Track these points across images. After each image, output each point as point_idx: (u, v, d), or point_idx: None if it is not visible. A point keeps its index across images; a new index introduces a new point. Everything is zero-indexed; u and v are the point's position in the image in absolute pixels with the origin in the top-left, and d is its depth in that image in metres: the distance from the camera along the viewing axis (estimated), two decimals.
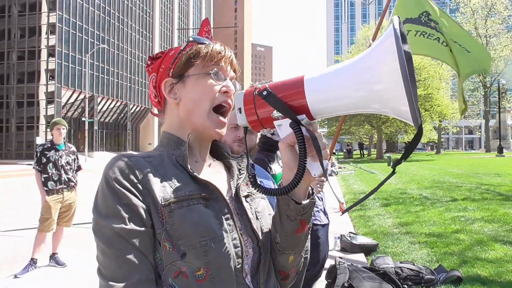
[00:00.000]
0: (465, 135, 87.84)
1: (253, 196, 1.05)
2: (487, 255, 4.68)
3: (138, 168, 0.89)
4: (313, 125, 0.84)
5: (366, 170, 19.43)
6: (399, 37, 0.67)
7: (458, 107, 3.80)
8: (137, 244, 0.83)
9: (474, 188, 10.82)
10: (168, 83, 1.01)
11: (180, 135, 1.00)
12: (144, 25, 60.18)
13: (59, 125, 4.89)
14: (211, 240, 0.86)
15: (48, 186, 4.75)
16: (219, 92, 0.99)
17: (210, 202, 0.91)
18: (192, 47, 1.00)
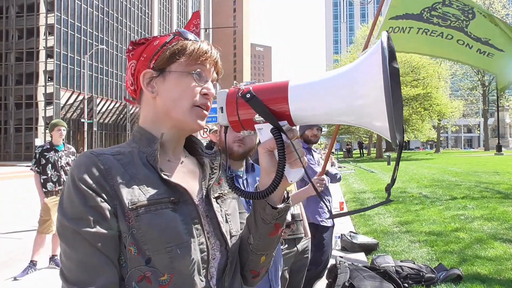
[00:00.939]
0: (464, 133, 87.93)
1: (224, 197, 1.03)
2: (486, 253, 4.69)
3: (107, 167, 0.86)
4: (293, 131, 0.84)
5: (366, 169, 19.45)
6: (386, 56, 0.67)
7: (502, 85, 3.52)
8: (101, 247, 0.81)
9: (473, 186, 10.84)
10: (148, 75, 0.97)
11: (153, 132, 0.97)
12: (142, 26, 60.16)
13: (59, 126, 4.87)
14: (177, 246, 0.85)
15: (47, 187, 4.73)
16: (199, 94, 0.96)
17: (179, 206, 0.89)
18: (178, 42, 0.97)
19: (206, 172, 1.03)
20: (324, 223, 3.37)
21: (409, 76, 33.72)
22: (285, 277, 2.61)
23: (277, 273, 1.83)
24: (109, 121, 53.95)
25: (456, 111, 38.05)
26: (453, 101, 39.57)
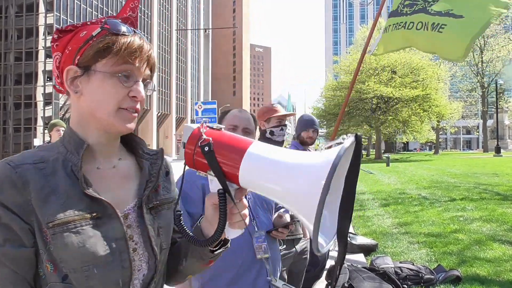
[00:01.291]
0: (463, 135, 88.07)
1: (159, 208, 0.98)
2: (485, 254, 4.70)
3: (24, 181, 0.80)
4: (242, 192, 0.87)
5: (365, 171, 19.44)
6: (329, 184, 0.68)
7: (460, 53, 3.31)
8: (13, 266, 0.78)
9: (472, 188, 10.85)
10: (71, 72, 0.88)
11: (81, 134, 0.91)
12: (142, 26, 60.12)
13: (58, 126, 4.81)
14: (94, 266, 0.81)
15: None
16: (127, 96, 0.89)
17: (102, 220, 0.85)
18: (105, 36, 0.87)
19: (143, 178, 0.96)
20: None
21: (408, 78, 33.79)
22: (284, 277, 2.60)
23: (276, 273, 1.83)
24: None
25: (455, 113, 38.13)
26: (452, 102, 39.64)
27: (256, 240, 1.74)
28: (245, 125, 1.87)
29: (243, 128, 1.86)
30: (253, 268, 1.74)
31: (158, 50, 64.67)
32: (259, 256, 1.73)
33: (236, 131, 1.84)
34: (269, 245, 1.78)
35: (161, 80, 65.83)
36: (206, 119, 0.95)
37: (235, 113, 1.93)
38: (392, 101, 33.80)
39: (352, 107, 34.56)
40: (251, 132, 1.90)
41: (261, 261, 1.76)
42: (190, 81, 78.19)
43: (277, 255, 1.87)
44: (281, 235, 1.78)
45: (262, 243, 1.74)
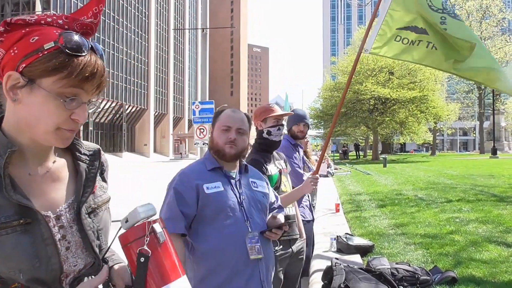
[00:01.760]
0: (460, 136, 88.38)
1: (97, 211, 0.97)
2: (481, 255, 4.71)
3: None
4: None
5: (362, 171, 19.50)
6: None
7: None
8: None
9: (468, 189, 10.89)
10: (12, 80, 0.83)
11: (13, 136, 0.87)
12: (139, 25, 60.03)
13: None
14: (20, 271, 0.81)
15: None
16: (68, 118, 0.85)
17: (32, 226, 0.84)
18: (57, 54, 0.81)
19: (80, 182, 0.94)
20: (303, 217, 3.37)
21: (405, 79, 33.89)
22: (280, 278, 2.60)
23: (269, 274, 1.83)
24: (105, 121, 53.78)
25: (452, 114, 38.27)
26: (449, 104, 39.81)
27: (249, 240, 1.74)
28: (238, 125, 1.87)
29: (237, 128, 1.86)
30: (246, 268, 1.74)
31: (156, 49, 64.55)
32: (252, 256, 1.73)
33: (230, 132, 1.85)
34: (263, 246, 1.78)
35: (158, 80, 65.71)
36: (155, 218, 0.96)
37: (229, 114, 1.92)
38: (389, 102, 33.87)
39: (349, 108, 34.60)
40: (245, 132, 1.90)
41: (255, 262, 1.75)
42: (187, 81, 78.10)
43: (270, 255, 1.87)
44: (274, 236, 1.77)
45: (255, 244, 1.74)
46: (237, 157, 1.87)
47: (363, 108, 34.67)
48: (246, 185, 1.87)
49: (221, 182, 1.80)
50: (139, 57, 59.76)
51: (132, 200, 8.54)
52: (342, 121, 35.53)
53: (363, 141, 49.46)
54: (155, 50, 64.05)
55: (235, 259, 1.73)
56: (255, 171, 2.04)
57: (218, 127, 1.89)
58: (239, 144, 1.85)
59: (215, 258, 1.75)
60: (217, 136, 1.88)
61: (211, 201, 1.76)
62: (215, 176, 1.83)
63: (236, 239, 1.73)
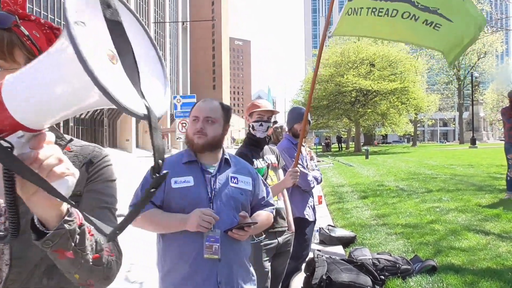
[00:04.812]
0: (440, 127, 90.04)
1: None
2: (460, 244, 4.80)
3: None
4: (38, 138, 0.65)
5: (344, 163, 19.68)
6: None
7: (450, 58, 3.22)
8: None
9: (448, 179, 11.10)
10: None
11: None
12: None
13: None
14: None
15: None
16: None
17: None
18: None
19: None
20: (308, 217, 3.38)
21: (386, 71, 34.23)
22: (266, 267, 2.59)
23: (232, 277, 1.73)
24: (86, 116, 52.88)
25: (432, 105, 38.86)
26: (429, 95, 40.39)
27: (207, 239, 1.66)
28: (205, 114, 1.81)
29: (204, 117, 1.80)
30: (204, 268, 1.68)
31: None
32: (206, 255, 1.66)
33: (198, 122, 1.81)
34: (227, 246, 1.69)
35: None
36: None
37: (198, 104, 1.91)
38: (371, 94, 34.20)
39: (331, 100, 34.80)
40: (216, 121, 1.82)
41: (212, 262, 1.68)
42: (169, 75, 76.93)
43: (237, 257, 1.77)
44: (237, 236, 1.68)
45: (213, 243, 1.66)
46: (208, 147, 1.80)
47: (345, 100, 34.90)
48: (223, 180, 1.80)
49: (193, 177, 1.75)
50: None
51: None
52: (324, 113, 35.72)
53: (345, 133, 49.90)
54: None
55: (193, 257, 1.68)
56: (243, 165, 1.95)
57: (190, 119, 1.87)
58: (208, 134, 1.79)
59: (176, 253, 1.73)
60: (188, 127, 1.87)
61: (176, 195, 1.72)
62: (188, 169, 1.78)
63: (195, 236, 1.67)
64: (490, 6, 32.94)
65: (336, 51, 37.09)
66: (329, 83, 34.39)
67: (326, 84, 34.65)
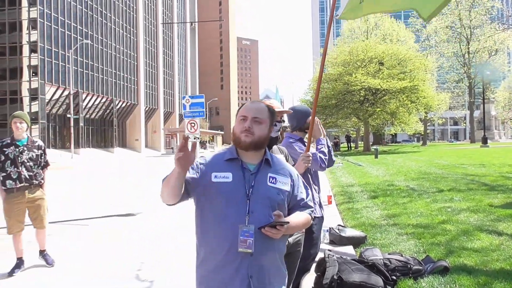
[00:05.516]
0: (451, 126, 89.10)
1: None
2: (473, 244, 4.74)
3: None
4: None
5: (354, 163, 19.57)
6: None
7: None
8: None
9: (459, 178, 10.97)
10: None
11: None
12: (128, 20, 59.34)
13: (16, 118, 4.46)
14: None
15: (6, 185, 4.36)
16: None
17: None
18: None
19: None
20: (314, 213, 3.35)
21: (396, 69, 33.97)
22: None
23: (263, 272, 1.80)
24: (95, 117, 53.28)
25: (442, 104, 38.52)
26: (439, 93, 40.04)
27: (242, 233, 1.74)
28: (253, 114, 1.88)
29: (252, 117, 1.88)
30: (235, 260, 1.75)
31: (145, 44, 63.92)
32: (240, 249, 1.73)
33: (246, 121, 1.88)
34: (260, 242, 1.75)
35: (148, 75, 65.15)
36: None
37: (247, 105, 1.97)
38: (380, 93, 33.96)
39: (340, 99, 34.64)
40: (262, 121, 1.89)
41: (244, 255, 1.75)
42: (177, 75, 77.58)
43: (269, 254, 1.83)
44: (270, 234, 1.74)
45: (247, 238, 1.73)
46: (253, 146, 1.87)
47: (353, 99, 34.73)
48: (262, 179, 1.86)
49: (232, 174, 1.83)
50: (129, 52, 59.15)
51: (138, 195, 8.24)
52: (333, 112, 35.57)
53: (354, 132, 49.63)
54: (144, 44, 63.44)
55: (227, 248, 1.75)
56: (283, 166, 2.00)
57: (237, 118, 1.95)
58: (255, 133, 1.86)
59: (210, 244, 1.81)
60: (235, 126, 1.94)
61: (214, 189, 1.81)
62: (229, 166, 1.86)
63: (230, 229, 1.76)
64: (501, 3, 32.45)
65: (345, 50, 36.91)
66: (338, 82, 34.23)
67: (334, 83, 34.51)
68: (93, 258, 5.06)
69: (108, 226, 7.07)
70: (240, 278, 1.75)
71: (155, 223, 7.21)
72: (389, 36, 44.38)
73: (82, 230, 6.72)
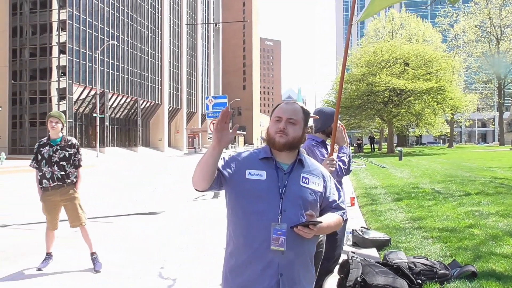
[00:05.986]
0: (478, 128, 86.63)
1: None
2: (502, 250, 4.60)
3: None
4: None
5: (377, 165, 19.29)
6: None
7: None
8: None
9: (488, 182, 10.67)
10: None
11: None
12: (153, 21, 60.25)
13: (52, 117, 4.53)
14: None
15: (42, 183, 4.48)
16: None
17: None
18: None
19: None
20: (345, 216, 3.32)
21: (421, 70, 33.27)
22: None
23: (293, 272, 1.85)
24: (120, 116, 54.31)
25: (470, 105, 37.45)
26: (467, 94, 38.96)
27: (275, 231, 1.76)
28: (288, 115, 1.90)
29: (287, 118, 1.89)
30: (266, 257, 1.76)
31: (169, 45, 64.76)
32: (272, 247, 1.75)
33: (281, 122, 1.89)
34: (292, 241, 1.77)
35: (172, 75, 65.98)
36: None
37: (281, 106, 1.99)
38: (404, 94, 33.34)
39: (363, 100, 34.20)
40: (297, 123, 1.91)
41: (276, 253, 1.76)
42: (200, 76, 78.25)
43: (302, 253, 1.85)
44: (302, 233, 1.75)
45: (280, 236, 1.75)
46: (288, 147, 1.88)
47: (377, 100, 34.22)
48: (295, 179, 1.87)
49: (266, 172, 1.85)
50: (153, 53, 60.04)
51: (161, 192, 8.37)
52: (357, 113, 35.14)
53: (378, 133, 48.88)
54: (168, 45, 64.28)
55: (257, 244, 1.77)
56: (316, 167, 2.01)
57: (272, 119, 1.96)
58: (289, 134, 1.87)
59: (241, 236, 1.83)
60: (270, 127, 1.95)
61: (248, 186, 1.83)
62: (263, 165, 1.88)
63: (263, 225, 1.77)
64: None
65: (369, 50, 36.41)
66: (361, 83, 33.80)
67: (358, 83, 34.10)
68: (117, 256, 5.16)
69: (131, 224, 7.20)
70: (270, 275, 1.76)
71: (177, 222, 7.30)
72: (415, 36, 43.50)
73: (107, 228, 6.87)
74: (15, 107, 43.15)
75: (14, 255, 5.16)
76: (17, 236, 6.16)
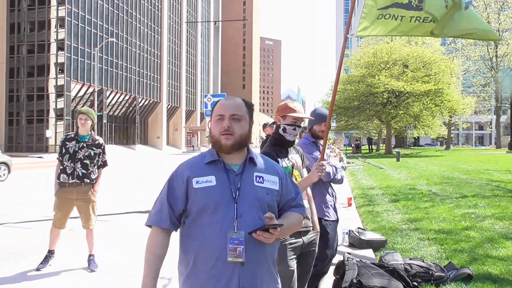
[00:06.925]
0: (475, 130, 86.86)
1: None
2: (498, 252, 4.61)
3: None
4: None
5: (375, 165, 19.31)
6: None
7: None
8: None
9: (484, 184, 10.69)
10: None
11: None
12: (152, 18, 60.15)
13: (82, 114, 4.44)
14: None
15: (60, 178, 4.38)
16: None
17: None
18: None
19: None
20: (327, 217, 3.33)
21: (420, 72, 33.33)
22: (291, 266, 2.57)
23: (256, 280, 1.66)
24: (118, 114, 54.21)
25: (467, 108, 37.54)
26: (465, 97, 39.03)
27: (231, 241, 1.58)
28: (231, 112, 1.71)
29: (230, 115, 1.71)
30: (226, 271, 1.60)
31: (168, 43, 64.67)
32: (229, 258, 1.58)
33: (223, 120, 1.71)
34: (251, 248, 1.61)
35: (171, 73, 65.90)
36: None
37: (221, 102, 1.79)
38: (403, 96, 33.40)
39: (362, 101, 34.23)
40: (241, 118, 1.73)
41: (234, 265, 1.60)
42: (200, 74, 78.19)
43: (261, 261, 1.67)
44: (261, 238, 1.59)
45: (237, 246, 1.58)
46: (236, 147, 1.71)
47: (376, 101, 34.25)
48: (248, 179, 1.71)
49: (216, 176, 1.68)
50: (152, 51, 59.94)
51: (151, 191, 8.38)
52: (355, 114, 35.18)
53: (376, 134, 48.95)
54: (167, 43, 64.19)
55: (214, 260, 1.61)
56: (269, 164, 1.84)
57: (213, 118, 1.76)
58: (235, 132, 1.70)
59: (195, 256, 1.66)
60: (212, 127, 1.76)
61: (198, 196, 1.66)
62: (211, 169, 1.70)
63: (218, 238, 1.61)
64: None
65: (368, 52, 36.44)
66: (361, 84, 33.85)
67: (357, 84, 34.14)
68: (116, 255, 5.14)
69: (131, 223, 7.17)
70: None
71: None
72: (414, 39, 43.55)
73: (107, 226, 6.84)
74: (12, 104, 42.96)
75: (14, 255, 5.12)
76: (17, 236, 6.12)
